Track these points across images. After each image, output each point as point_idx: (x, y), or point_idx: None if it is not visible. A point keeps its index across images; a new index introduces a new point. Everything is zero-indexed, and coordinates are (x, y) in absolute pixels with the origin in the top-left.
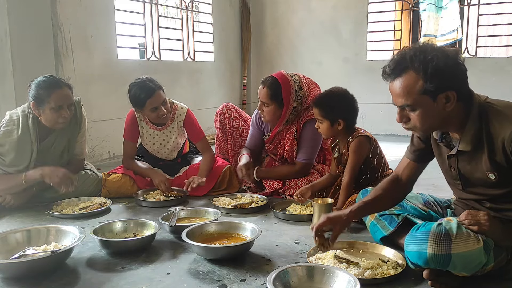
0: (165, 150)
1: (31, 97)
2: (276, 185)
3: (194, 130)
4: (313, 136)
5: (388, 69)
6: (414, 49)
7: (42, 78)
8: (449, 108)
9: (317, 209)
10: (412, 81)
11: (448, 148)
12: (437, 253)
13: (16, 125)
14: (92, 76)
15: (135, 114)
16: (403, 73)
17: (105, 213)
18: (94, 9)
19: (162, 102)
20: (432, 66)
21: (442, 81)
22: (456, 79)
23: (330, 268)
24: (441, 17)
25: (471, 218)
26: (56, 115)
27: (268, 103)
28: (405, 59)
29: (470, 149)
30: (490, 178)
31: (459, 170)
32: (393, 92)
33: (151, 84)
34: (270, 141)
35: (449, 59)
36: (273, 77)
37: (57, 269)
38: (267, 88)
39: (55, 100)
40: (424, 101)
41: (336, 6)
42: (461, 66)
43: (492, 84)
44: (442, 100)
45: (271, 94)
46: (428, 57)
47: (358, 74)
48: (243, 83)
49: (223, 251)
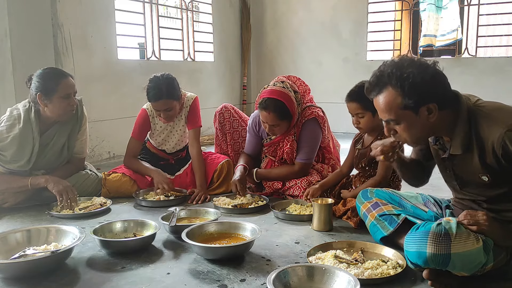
0: (173, 139)
1: (35, 89)
2: (276, 185)
3: (194, 116)
4: (312, 136)
5: (370, 86)
6: (392, 64)
7: (45, 69)
8: (432, 119)
9: (317, 209)
10: (392, 97)
11: (442, 151)
12: (437, 252)
13: (17, 119)
14: (92, 76)
15: (147, 112)
16: (383, 89)
17: (105, 213)
18: (94, 9)
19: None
20: (409, 82)
21: (420, 96)
22: (435, 92)
23: (330, 268)
24: (441, 17)
25: (470, 218)
26: (65, 104)
27: (278, 123)
28: (384, 75)
29: (460, 152)
30: (483, 180)
31: (454, 172)
32: (377, 107)
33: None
34: (270, 145)
35: (426, 74)
36: (272, 98)
37: (57, 269)
38: (273, 112)
39: (63, 89)
40: (406, 115)
41: (336, 6)
42: (440, 76)
43: (492, 84)
44: (424, 112)
45: (279, 115)
46: (404, 75)
47: (358, 74)
48: (243, 83)
49: (223, 251)
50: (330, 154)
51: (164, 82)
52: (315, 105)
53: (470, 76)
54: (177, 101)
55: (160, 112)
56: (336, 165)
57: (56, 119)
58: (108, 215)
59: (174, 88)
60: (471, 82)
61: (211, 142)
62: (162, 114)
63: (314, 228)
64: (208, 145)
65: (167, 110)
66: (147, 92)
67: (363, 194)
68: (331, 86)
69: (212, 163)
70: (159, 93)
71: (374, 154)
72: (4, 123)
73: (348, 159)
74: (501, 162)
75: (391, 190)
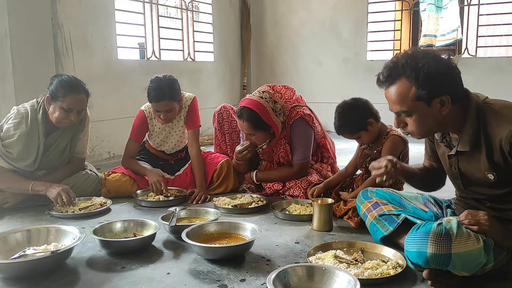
0: (172, 140)
1: (48, 90)
2: (276, 186)
3: (193, 116)
4: (303, 135)
5: (382, 77)
6: (406, 56)
7: (66, 77)
8: (444, 112)
9: (317, 209)
10: (405, 89)
11: (449, 148)
12: (437, 252)
13: (24, 118)
14: (92, 76)
15: (145, 114)
16: (396, 80)
17: (105, 213)
18: (94, 9)
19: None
20: (424, 73)
21: (434, 87)
22: (449, 84)
23: (330, 268)
24: (441, 17)
25: (471, 218)
26: (63, 116)
27: (253, 133)
28: (398, 66)
29: (468, 149)
30: (489, 178)
31: (459, 170)
32: (388, 99)
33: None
34: (264, 153)
35: (441, 65)
36: (247, 108)
37: (57, 269)
38: (246, 121)
39: (68, 103)
40: (418, 107)
41: (336, 6)
42: (454, 70)
43: (492, 84)
44: (437, 104)
45: (253, 125)
46: (419, 65)
47: (358, 74)
48: (243, 83)
49: (223, 251)
50: (328, 153)
51: (166, 83)
52: (300, 104)
53: (470, 76)
54: (177, 103)
55: (160, 113)
56: (334, 164)
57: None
58: (108, 215)
59: (176, 89)
60: (471, 82)
61: (211, 142)
62: (162, 115)
63: (314, 228)
64: (208, 145)
65: (167, 111)
66: (148, 92)
67: (363, 194)
68: (331, 86)
69: (211, 162)
70: (161, 94)
71: (374, 177)
72: (12, 121)
73: (354, 159)
74: (508, 160)
75: (392, 190)
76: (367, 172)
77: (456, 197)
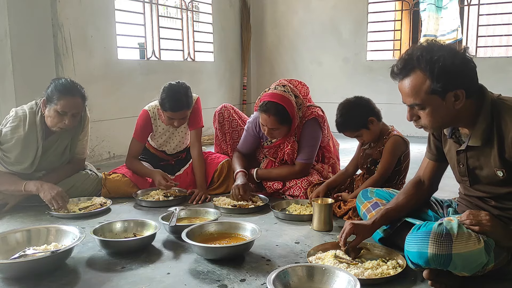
0: (174, 141)
1: (45, 93)
2: (276, 186)
3: (196, 116)
4: (313, 135)
5: (396, 69)
6: (422, 48)
7: (62, 80)
8: (458, 106)
9: (317, 209)
10: (420, 81)
11: (458, 144)
12: (438, 253)
13: (22, 121)
14: (92, 76)
15: (149, 114)
16: (410, 73)
17: (105, 213)
18: (94, 9)
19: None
20: (439, 66)
21: (449, 80)
22: (464, 78)
23: (330, 268)
24: (441, 17)
25: (473, 218)
26: (57, 119)
27: (278, 127)
28: (412, 59)
29: (480, 144)
30: (498, 175)
31: (468, 166)
32: (402, 91)
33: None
34: (271, 147)
35: (456, 58)
36: (273, 102)
37: (57, 269)
38: (273, 116)
39: (62, 105)
40: (432, 100)
41: (336, 6)
42: (470, 64)
43: (492, 84)
44: (451, 98)
45: (279, 119)
46: (435, 57)
47: (358, 74)
48: (243, 83)
49: (223, 251)
50: (330, 154)
51: (183, 93)
52: (314, 105)
53: None
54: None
55: (174, 120)
56: (336, 165)
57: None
58: (108, 215)
59: (191, 97)
60: None
61: (211, 142)
62: (176, 122)
63: (314, 228)
64: (208, 145)
65: (183, 118)
66: (164, 101)
67: (363, 194)
68: (331, 86)
69: (212, 163)
70: (180, 104)
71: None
72: (10, 124)
73: (354, 159)
74: None
75: (391, 190)
76: (367, 172)
77: (460, 195)
